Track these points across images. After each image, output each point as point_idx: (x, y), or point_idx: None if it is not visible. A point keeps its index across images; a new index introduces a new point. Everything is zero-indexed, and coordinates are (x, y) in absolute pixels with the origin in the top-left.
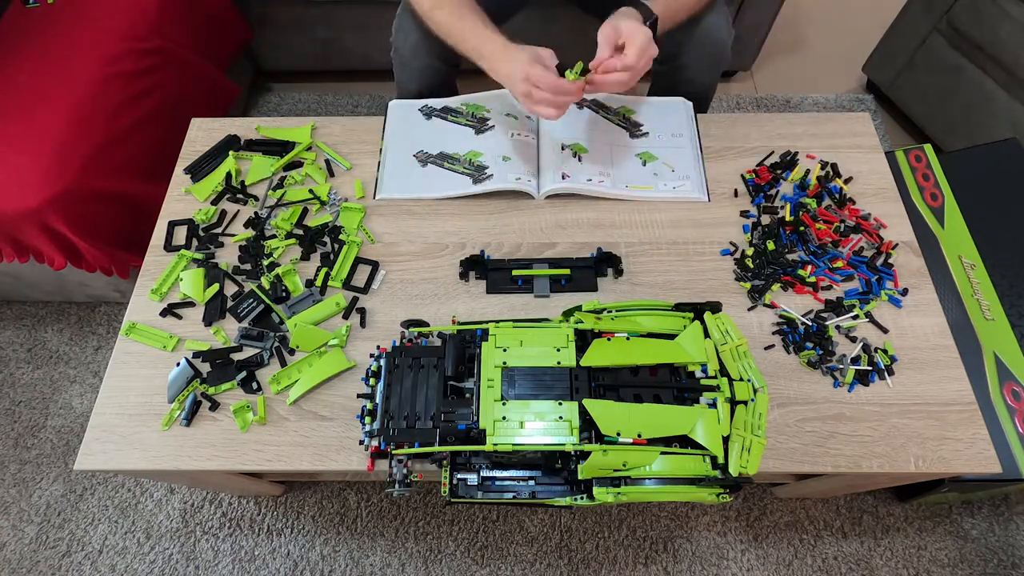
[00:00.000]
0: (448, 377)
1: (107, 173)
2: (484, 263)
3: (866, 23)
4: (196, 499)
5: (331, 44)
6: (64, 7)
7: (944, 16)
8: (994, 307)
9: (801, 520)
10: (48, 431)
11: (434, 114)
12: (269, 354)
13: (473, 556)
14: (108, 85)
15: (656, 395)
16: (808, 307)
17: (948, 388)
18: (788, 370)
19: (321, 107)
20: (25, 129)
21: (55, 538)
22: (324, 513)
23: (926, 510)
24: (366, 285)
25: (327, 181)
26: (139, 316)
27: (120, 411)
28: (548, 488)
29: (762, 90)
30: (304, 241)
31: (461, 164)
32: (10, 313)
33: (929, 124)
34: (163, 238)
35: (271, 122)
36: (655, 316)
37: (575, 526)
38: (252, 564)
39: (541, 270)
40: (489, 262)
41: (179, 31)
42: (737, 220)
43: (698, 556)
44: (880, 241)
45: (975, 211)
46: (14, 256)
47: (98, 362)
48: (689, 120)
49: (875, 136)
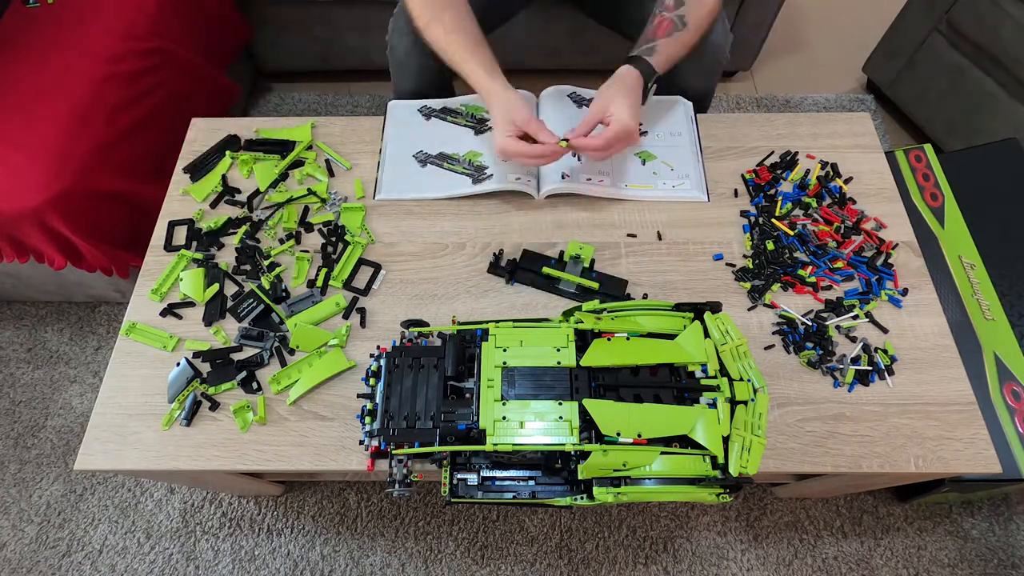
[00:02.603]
0: (448, 377)
1: (107, 173)
2: (515, 262)
3: (866, 23)
4: (196, 499)
5: (331, 44)
6: (64, 7)
7: (944, 16)
8: (994, 307)
9: (801, 520)
10: (48, 431)
11: (433, 115)
12: (269, 354)
13: (473, 556)
14: (108, 85)
15: (656, 395)
16: (808, 307)
17: (948, 388)
18: (788, 370)
19: (321, 107)
20: (25, 129)
21: (55, 538)
22: (324, 513)
23: (926, 510)
24: (367, 287)
25: (327, 180)
26: (139, 316)
27: (120, 411)
28: (548, 488)
29: (762, 90)
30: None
31: (461, 164)
32: (10, 313)
33: (929, 124)
34: (163, 238)
35: (270, 122)
36: (655, 316)
37: (575, 526)
38: (252, 564)
39: (572, 276)
40: (523, 256)
41: (179, 31)
42: (737, 220)
43: (698, 556)
44: (880, 241)
45: (975, 211)
46: (14, 256)
47: (98, 362)
48: (688, 119)
49: (875, 136)
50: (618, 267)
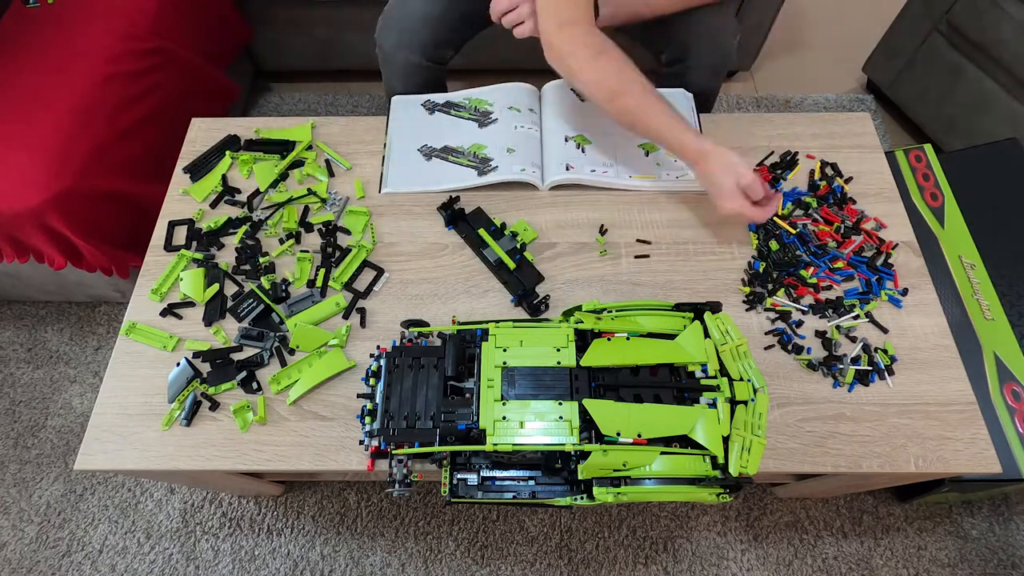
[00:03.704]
0: (448, 377)
1: (107, 173)
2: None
3: (866, 23)
4: (196, 499)
5: (331, 44)
6: (64, 7)
7: (944, 16)
8: (994, 307)
9: (801, 520)
10: (48, 431)
11: (437, 109)
12: (269, 354)
13: (473, 556)
14: (108, 85)
15: (656, 395)
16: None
17: (948, 388)
18: (788, 370)
19: (321, 107)
20: (25, 129)
21: (55, 538)
22: (324, 513)
23: (926, 510)
24: (367, 290)
25: (327, 180)
26: (139, 316)
27: (120, 411)
28: (548, 488)
29: (762, 90)
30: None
31: (466, 157)
32: (10, 313)
33: (929, 124)
34: (163, 238)
35: (270, 123)
36: (655, 316)
37: (575, 526)
38: (252, 564)
39: (498, 248)
40: (473, 212)
41: (179, 31)
42: (737, 220)
43: (698, 556)
44: (880, 241)
45: (975, 211)
46: (14, 256)
47: (98, 362)
48: (691, 112)
49: (875, 136)
50: (618, 267)
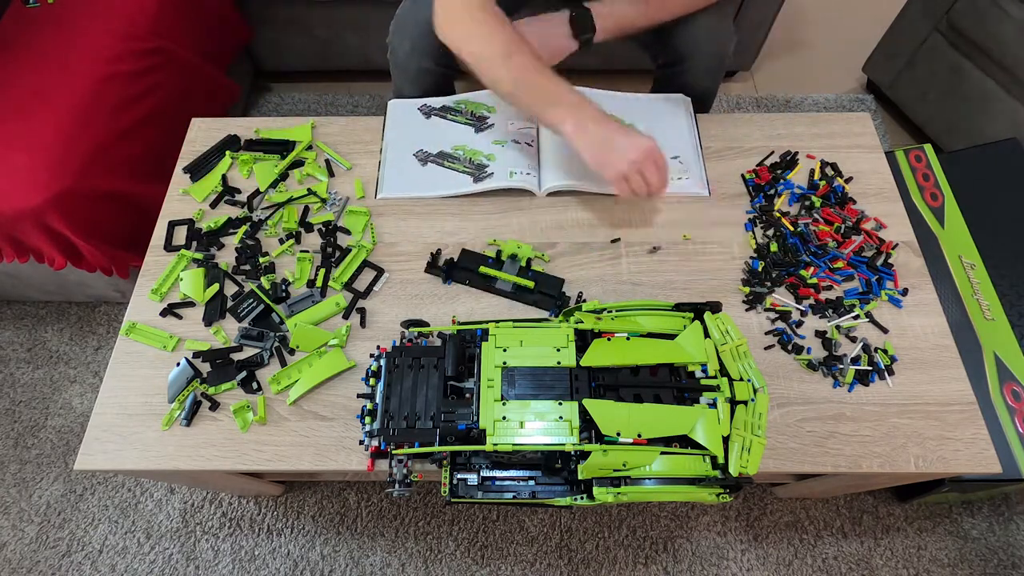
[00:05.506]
0: (448, 377)
1: (107, 173)
2: (453, 263)
3: (866, 23)
4: (196, 499)
5: (331, 44)
6: (64, 7)
7: (944, 16)
8: (994, 307)
9: (801, 520)
10: (48, 431)
11: (433, 113)
12: (269, 354)
13: (473, 556)
14: (108, 85)
15: (656, 395)
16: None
17: (948, 388)
18: (788, 370)
19: (321, 107)
20: (25, 129)
21: (55, 538)
22: (324, 513)
23: (926, 510)
24: (367, 290)
25: (327, 180)
26: (139, 316)
27: (120, 411)
28: (548, 488)
29: (762, 90)
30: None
31: (461, 163)
32: (10, 313)
33: (929, 124)
34: (163, 238)
35: (270, 123)
36: (655, 316)
37: (575, 526)
38: (252, 564)
39: (508, 275)
40: (461, 255)
41: (179, 31)
42: (738, 220)
43: (698, 556)
44: (880, 241)
45: (975, 211)
46: (14, 256)
47: (98, 362)
48: (688, 115)
49: (875, 136)
50: (618, 267)
